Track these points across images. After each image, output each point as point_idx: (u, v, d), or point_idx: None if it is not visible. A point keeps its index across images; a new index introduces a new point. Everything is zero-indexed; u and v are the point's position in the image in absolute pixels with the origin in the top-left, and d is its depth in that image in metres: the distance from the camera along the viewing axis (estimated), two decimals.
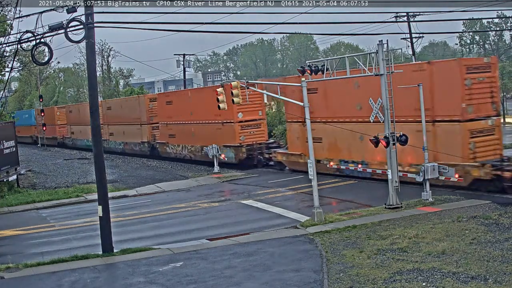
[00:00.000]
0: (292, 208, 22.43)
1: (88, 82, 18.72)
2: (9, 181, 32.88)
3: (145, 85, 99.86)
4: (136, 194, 29.92)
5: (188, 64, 62.05)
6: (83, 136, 59.07)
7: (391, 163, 20.62)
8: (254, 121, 36.09)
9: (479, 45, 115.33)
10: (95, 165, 18.61)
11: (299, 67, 22.61)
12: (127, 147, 51.00)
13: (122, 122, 51.30)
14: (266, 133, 37.08)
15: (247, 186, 29.07)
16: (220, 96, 23.42)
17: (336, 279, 13.20)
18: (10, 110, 77.51)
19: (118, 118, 52.05)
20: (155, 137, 46.36)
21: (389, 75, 20.63)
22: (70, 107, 69.18)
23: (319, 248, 16.09)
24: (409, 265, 13.71)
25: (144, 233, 20.55)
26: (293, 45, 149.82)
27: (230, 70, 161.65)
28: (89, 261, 16.83)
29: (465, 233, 16.10)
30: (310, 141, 20.06)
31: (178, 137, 42.18)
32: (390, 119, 20.59)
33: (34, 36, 17.25)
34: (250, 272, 14.42)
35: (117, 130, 53.00)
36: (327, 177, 27.79)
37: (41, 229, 22.65)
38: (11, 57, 34.33)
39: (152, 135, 46.59)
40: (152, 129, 46.58)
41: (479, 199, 20.71)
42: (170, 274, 14.89)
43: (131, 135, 49.88)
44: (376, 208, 20.68)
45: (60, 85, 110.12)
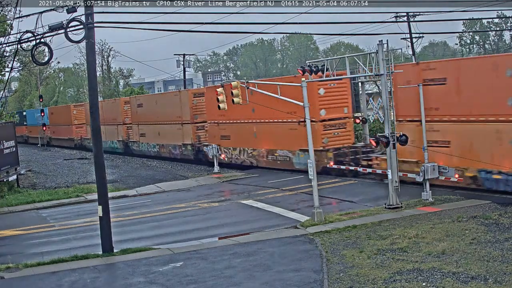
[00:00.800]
0: (292, 208, 22.42)
1: (88, 82, 18.71)
2: (9, 181, 32.89)
3: (145, 85, 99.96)
4: (136, 194, 29.92)
5: (188, 64, 62.10)
6: (107, 137, 52.63)
7: (391, 163, 20.62)
8: (339, 120, 29.69)
9: (479, 45, 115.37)
10: (95, 165, 18.59)
11: (299, 67, 22.61)
12: (164, 150, 44.40)
13: (157, 121, 44.45)
14: (353, 134, 30.76)
15: (247, 186, 29.06)
16: (220, 96, 23.40)
17: (336, 279, 13.20)
18: (11, 110, 77.38)
19: (152, 117, 45.27)
20: (200, 138, 40.17)
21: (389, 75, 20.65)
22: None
23: (319, 248, 16.09)
24: (409, 265, 13.71)
25: (144, 233, 20.55)
26: (293, 45, 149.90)
27: (230, 70, 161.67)
28: (89, 261, 16.83)
29: (465, 233, 16.10)
30: (310, 140, 20.05)
31: (234, 139, 35.80)
32: (390, 119, 20.60)
33: (34, 36, 17.25)
34: (250, 272, 14.42)
35: (150, 131, 46.29)
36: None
37: (41, 229, 22.65)
38: (11, 57, 34.36)
39: (197, 136, 40.17)
40: (197, 129, 40.31)
41: (479, 199, 20.69)
42: (170, 274, 14.90)
43: (169, 136, 43.12)
44: (376, 208, 20.68)
45: (60, 85, 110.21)
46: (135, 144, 49.36)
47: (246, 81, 23.13)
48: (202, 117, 39.61)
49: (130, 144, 50.37)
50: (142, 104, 47.70)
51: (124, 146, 51.60)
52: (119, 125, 52.00)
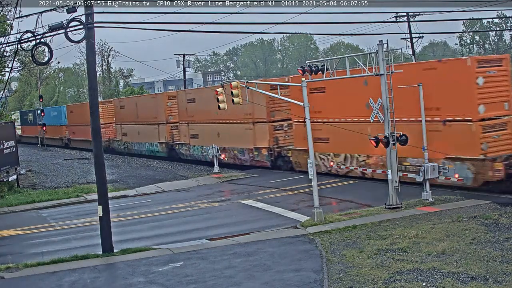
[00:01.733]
0: (292, 208, 22.42)
1: (88, 82, 18.71)
2: (9, 181, 32.91)
3: (145, 85, 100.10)
4: (136, 194, 29.92)
5: (188, 64, 62.06)
6: (143, 139, 47.28)
7: (391, 163, 20.62)
8: (498, 119, 22.39)
9: (479, 45, 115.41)
10: (95, 165, 18.59)
11: (299, 67, 22.60)
12: (227, 155, 36.54)
13: (217, 120, 36.67)
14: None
15: (247, 186, 29.05)
16: (220, 96, 23.40)
17: (336, 279, 13.20)
18: (10, 110, 77.27)
19: (208, 114, 37.12)
20: (278, 140, 32.96)
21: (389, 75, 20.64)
22: (123, 100, 54.23)
23: (319, 248, 16.09)
24: (409, 265, 13.71)
25: (144, 233, 20.55)
26: (293, 45, 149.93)
27: (230, 70, 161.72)
28: (89, 261, 16.83)
29: (465, 233, 16.10)
30: (310, 140, 20.04)
31: (334, 142, 28.06)
32: (390, 119, 20.59)
33: (34, 36, 17.25)
34: (250, 272, 14.42)
35: (206, 131, 38.72)
36: (328, 177, 27.77)
37: (41, 229, 22.65)
38: (11, 57, 34.39)
39: (274, 138, 32.87)
40: (274, 129, 32.91)
41: (479, 199, 20.70)
42: (170, 274, 14.89)
43: (234, 138, 35.55)
44: (376, 208, 20.68)
45: (60, 85, 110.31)
46: (183, 147, 41.89)
47: (246, 81, 23.12)
48: (279, 115, 32.48)
49: (176, 147, 43.07)
50: (195, 99, 40.27)
51: (169, 150, 43.98)
52: (161, 125, 44.47)
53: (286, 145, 32.47)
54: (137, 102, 49.59)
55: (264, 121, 33.08)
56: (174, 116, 43.32)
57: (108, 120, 53.82)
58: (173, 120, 43.51)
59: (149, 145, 46.82)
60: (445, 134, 22.54)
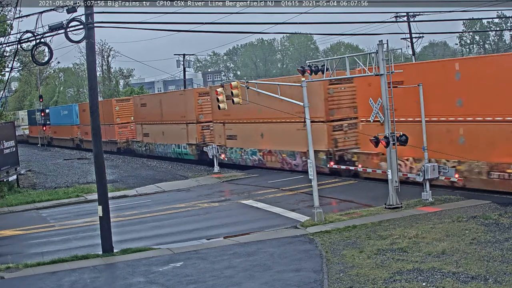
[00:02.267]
0: (292, 208, 22.42)
1: (88, 82, 18.71)
2: (9, 181, 32.93)
3: (145, 85, 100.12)
4: (136, 194, 29.92)
5: (188, 64, 62.06)
6: (169, 140, 43.02)
7: (391, 163, 20.62)
8: None
9: (479, 45, 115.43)
10: (95, 165, 18.58)
11: (299, 67, 22.59)
12: (271, 159, 32.87)
13: (260, 119, 32.72)
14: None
15: (247, 186, 29.06)
16: (220, 96, 23.40)
17: (336, 279, 13.20)
18: (10, 110, 77.21)
19: (250, 113, 32.49)
20: (337, 142, 28.86)
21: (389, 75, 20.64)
22: (144, 98, 49.72)
23: (319, 248, 16.09)
24: (409, 265, 13.71)
25: (144, 233, 20.55)
26: (293, 45, 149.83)
27: (230, 70, 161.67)
28: (89, 261, 16.83)
29: (465, 233, 16.10)
30: (310, 140, 20.05)
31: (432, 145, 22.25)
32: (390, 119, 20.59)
33: (34, 36, 17.25)
34: (250, 272, 14.42)
35: (246, 132, 34.54)
36: (327, 177, 27.78)
37: (41, 229, 22.65)
38: (11, 57, 34.39)
39: (333, 139, 28.81)
40: (333, 130, 28.96)
41: (479, 199, 20.70)
42: (170, 274, 14.90)
43: (282, 139, 31.55)
44: (376, 208, 20.68)
45: (60, 85, 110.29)
46: (230, 152, 37.33)
47: (246, 81, 23.11)
48: (339, 113, 29.10)
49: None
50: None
51: (199, 152, 39.41)
52: (190, 124, 40.47)
53: (346, 148, 28.64)
54: (162, 100, 45.10)
55: (323, 120, 28.86)
56: (205, 114, 39.53)
57: (125, 120, 50.35)
58: (203, 119, 39.82)
59: (175, 147, 42.54)
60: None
